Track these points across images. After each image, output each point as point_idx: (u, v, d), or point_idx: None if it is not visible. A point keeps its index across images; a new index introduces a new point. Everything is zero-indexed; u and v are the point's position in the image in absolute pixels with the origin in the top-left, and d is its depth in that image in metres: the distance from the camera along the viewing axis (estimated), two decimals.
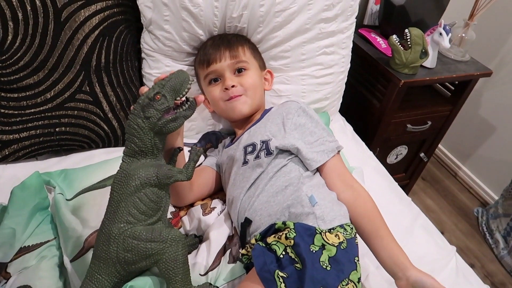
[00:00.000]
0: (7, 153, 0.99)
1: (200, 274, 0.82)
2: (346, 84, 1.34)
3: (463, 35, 1.57)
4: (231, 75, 1.00)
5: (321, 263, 0.68)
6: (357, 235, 0.81)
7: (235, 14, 1.04)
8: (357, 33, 1.61)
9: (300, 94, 1.19)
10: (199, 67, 1.05)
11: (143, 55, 1.11)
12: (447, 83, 1.69)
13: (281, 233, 0.73)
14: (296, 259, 0.69)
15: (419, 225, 1.05)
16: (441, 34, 1.40)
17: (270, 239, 0.74)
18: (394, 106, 1.47)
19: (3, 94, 0.96)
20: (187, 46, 1.07)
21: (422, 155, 1.79)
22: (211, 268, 0.82)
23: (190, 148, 0.73)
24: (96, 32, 0.98)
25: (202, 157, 1.08)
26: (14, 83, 0.95)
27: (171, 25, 1.02)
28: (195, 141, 1.17)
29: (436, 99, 1.68)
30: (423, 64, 1.47)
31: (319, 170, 0.91)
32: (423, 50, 1.36)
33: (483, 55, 1.77)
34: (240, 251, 0.84)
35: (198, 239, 0.91)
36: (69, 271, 0.78)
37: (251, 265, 0.75)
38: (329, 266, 0.68)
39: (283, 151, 0.90)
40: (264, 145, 0.91)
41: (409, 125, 1.58)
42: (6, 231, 0.79)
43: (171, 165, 0.77)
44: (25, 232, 0.82)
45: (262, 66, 1.10)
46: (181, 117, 0.69)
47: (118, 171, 0.69)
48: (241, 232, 0.87)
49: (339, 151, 0.93)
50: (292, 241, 0.70)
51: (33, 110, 0.98)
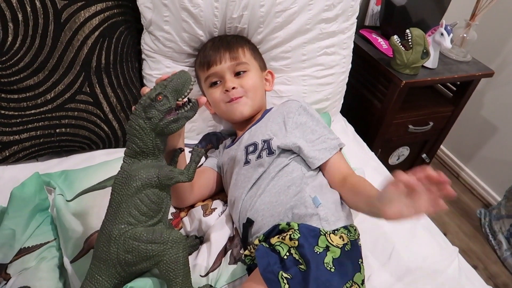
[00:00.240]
0: (7, 154, 0.99)
1: (200, 275, 0.81)
2: (347, 85, 1.34)
3: (465, 35, 1.57)
4: (231, 77, 1.00)
5: (325, 264, 0.68)
6: (359, 236, 0.80)
7: (235, 14, 1.04)
8: (358, 34, 1.60)
9: (301, 95, 1.19)
10: (200, 69, 1.05)
11: (143, 56, 1.11)
12: (448, 84, 1.69)
13: (285, 234, 0.72)
14: (300, 260, 0.68)
15: (421, 226, 1.04)
16: (442, 34, 1.39)
17: (274, 240, 0.73)
18: (396, 107, 1.46)
19: (3, 95, 0.96)
20: (187, 47, 1.07)
21: (424, 156, 1.78)
22: (212, 269, 0.82)
23: (191, 149, 0.73)
24: (96, 33, 0.98)
25: (203, 158, 1.08)
26: (14, 84, 0.95)
27: (171, 25, 1.02)
28: (196, 142, 1.17)
29: (437, 99, 1.67)
30: (425, 65, 1.47)
31: (321, 168, 0.91)
32: (424, 51, 1.35)
33: (485, 55, 1.76)
34: (242, 252, 0.84)
35: (198, 240, 0.91)
36: (69, 272, 0.78)
37: (254, 266, 0.74)
38: (333, 268, 0.68)
39: (285, 150, 0.90)
40: (266, 144, 0.90)
41: (410, 126, 1.57)
42: (5, 232, 0.79)
43: (172, 166, 0.77)
44: (25, 233, 0.81)
45: (263, 67, 1.09)
46: (182, 118, 0.69)
47: (119, 171, 0.69)
48: (243, 233, 0.87)
49: (341, 148, 0.93)
50: (297, 242, 0.69)
51: (33, 111, 0.98)
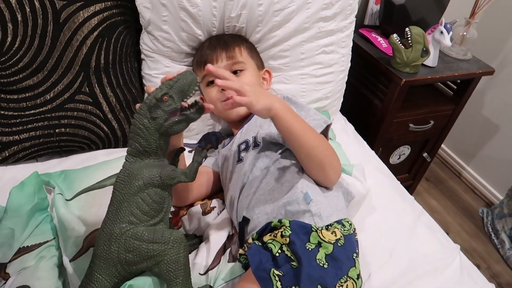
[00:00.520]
0: (7, 154, 1.00)
1: (199, 274, 0.81)
2: (347, 84, 1.34)
3: (465, 33, 1.57)
4: None
5: (317, 261, 0.67)
6: (356, 231, 0.80)
7: (233, 14, 1.04)
8: (357, 33, 1.60)
9: (300, 94, 1.19)
10: (197, 68, 1.05)
11: (142, 56, 1.11)
12: (449, 82, 1.68)
13: (277, 231, 0.72)
14: (292, 257, 0.68)
15: (422, 223, 1.03)
16: (442, 32, 1.39)
17: (266, 238, 0.73)
18: (396, 106, 1.46)
19: (2, 95, 0.96)
20: (186, 47, 1.07)
21: (425, 155, 1.78)
22: (211, 267, 0.82)
23: (194, 149, 0.72)
24: (95, 33, 0.98)
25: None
26: (14, 85, 0.95)
27: (170, 25, 1.02)
28: (195, 141, 1.17)
29: (438, 98, 1.66)
30: (425, 63, 1.46)
31: None
32: (424, 49, 1.35)
33: (485, 53, 1.76)
34: (238, 251, 0.83)
35: (198, 239, 0.91)
36: (68, 271, 0.78)
37: (249, 265, 0.74)
38: (327, 263, 0.68)
39: (272, 143, 0.89)
40: (254, 139, 0.90)
41: (411, 125, 1.57)
42: (4, 231, 0.79)
43: (173, 165, 0.77)
44: (24, 232, 0.81)
45: (260, 65, 1.09)
46: (187, 119, 0.69)
47: (121, 170, 0.69)
48: (239, 231, 0.87)
49: (327, 126, 0.89)
50: (288, 239, 0.69)
51: (32, 112, 0.98)
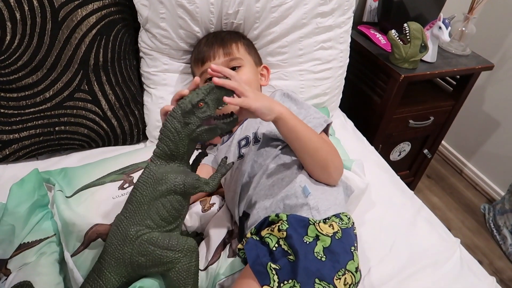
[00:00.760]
0: (7, 153, 1.00)
1: (200, 269, 0.81)
2: (346, 81, 1.34)
3: (463, 29, 1.57)
4: None
5: (315, 254, 0.67)
6: (355, 225, 0.80)
7: (231, 10, 1.05)
8: (356, 30, 1.61)
9: (299, 90, 1.19)
10: (194, 66, 1.05)
11: (141, 54, 1.11)
12: (448, 78, 1.68)
13: (274, 226, 0.72)
14: (289, 251, 0.68)
15: (422, 217, 1.03)
16: (440, 28, 1.39)
17: (264, 232, 0.73)
18: (395, 102, 1.46)
19: (2, 94, 0.97)
20: (184, 44, 1.08)
21: (425, 151, 1.78)
22: (211, 263, 0.82)
23: (221, 160, 0.73)
24: (94, 31, 0.99)
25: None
26: (13, 83, 0.96)
27: (168, 22, 1.02)
28: None
29: (438, 94, 1.66)
30: (423, 59, 1.46)
31: None
32: (423, 44, 1.35)
33: (485, 50, 1.75)
34: (237, 246, 0.84)
35: (199, 236, 0.91)
36: (70, 265, 0.78)
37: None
38: (324, 257, 0.68)
39: (272, 139, 0.90)
40: (254, 135, 0.91)
41: (411, 121, 1.57)
42: (5, 227, 0.79)
43: (193, 169, 0.77)
44: (24, 228, 0.81)
45: (258, 62, 1.09)
46: (219, 128, 0.69)
47: (145, 171, 0.67)
48: (239, 226, 0.87)
49: (328, 125, 0.90)
50: (285, 233, 0.69)
51: (32, 110, 0.99)
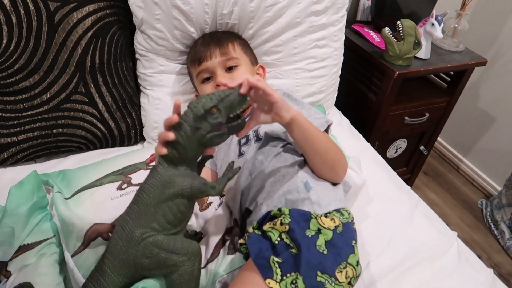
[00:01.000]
0: (5, 156, 1.00)
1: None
2: (342, 79, 1.35)
3: (456, 25, 1.58)
4: (222, 72, 1.00)
5: (317, 247, 0.68)
6: (354, 220, 0.81)
7: (225, 10, 1.05)
8: (350, 29, 1.62)
9: (294, 88, 1.20)
10: (191, 66, 1.06)
11: (137, 55, 1.12)
12: (443, 75, 1.69)
13: (276, 220, 0.73)
14: (291, 245, 0.69)
15: (419, 212, 1.04)
16: (433, 24, 1.40)
17: (266, 227, 0.73)
18: (391, 99, 1.47)
19: None
20: (180, 45, 1.09)
21: (422, 148, 1.79)
22: (210, 260, 0.82)
23: (228, 165, 0.74)
24: (90, 34, 1.00)
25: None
26: (10, 86, 0.96)
27: (163, 23, 1.03)
28: None
29: (432, 90, 1.68)
30: (417, 55, 1.48)
31: None
32: (416, 41, 1.36)
33: (478, 45, 1.77)
34: (239, 241, 0.84)
35: (198, 236, 0.91)
36: (70, 266, 0.78)
37: (250, 254, 0.75)
38: (326, 250, 0.68)
39: (274, 138, 0.90)
40: (255, 132, 0.91)
41: (406, 118, 1.58)
42: (4, 229, 0.79)
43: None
44: (24, 230, 0.82)
45: (254, 61, 1.10)
46: (227, 133, 0.69)
47: (153, 172, 0.67)
48: (241, 223, 0.88)
49: (329, 125, 0.92)
50: (287, 227, 0.69)
51: (30, 113, 0.99)
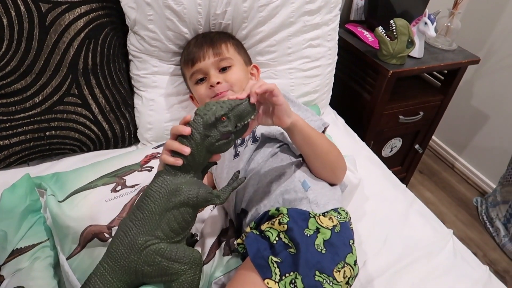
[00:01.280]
0: None
1: None
2: (336, 79, 1.35)
3: (449, 24, 1.59)
4: (215, 72, 1.00)
5: (316, 246, 0.68)
6: (351, 220, 0.81)
7: (218, 10, 1.05)
8: (344, 29, 1.62)
9: (289, 88, 1.20)
10: (185, 67, 1.05)
11: (130, 57, 1.11)
12: (436, 73, 1.70)
13: (274, 219, 0.72)
14: (290, 244, 0.68)
15: (415, 210, 1.04)
16: (426, 23, 1.41)
17: (264, 226, 0.73)
18: (385, 98, 1.47)
19: None
20: (173, 45, 1.08)
21: (417, 146, 1.79)
22: (206, 261, 0.82)
23: (233, 174, 0.73)
24: (82, 35, 0.99)
25: None
26: (2, 89, 0.95)
27: (156, 24, 1.02)
28: None
29: (426, 89, 1.68)
30: (411, 54, 1.48)
31: None
32: (409, 40, 1.36)
33: (471, 44, 1.78)
34: (235, 241, 0.84)
35: (194, 239, 0.91)
36: (65, 268, 0.77)
37: (247, 254, 0.74)
38: (324, 249, 0.68)
39: (270, 139, 0.90)
40: (251, 133, 0.91)
41: (401, 117, 1.58)
42: None
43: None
44: (17, 234, 0.81)
45: (248, 61, 1.09)
46: (234, 139, 0.69)
47: (159, 179, 0.67)
48: (237, 224, 0.87)
49: (325, 128, 0.93)
50: (286, 226, 0.69)
51: (22, 115, 0.98)
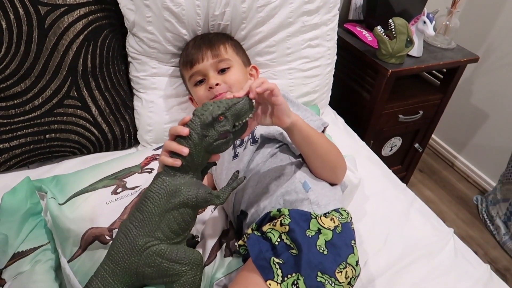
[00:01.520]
0: None
1: None
2: (335, 78, 1.35)
3: (447, 23, 1.59)
4: (214, 74, 0.99)
5: (317, 247, 0.68)
6: (352, 220, 0.81)
7: (217, 11, 1.05)
8: (343, 28, 1.62)
9: (288, 88, 1.20)
10: (183, 69, 1.05)
11: (129, 58, 1.11)
12: (435, 72, 1.70)
13: (276, 221, 0.72)
14: (292, 245, 0.68)
15: (415, 209, 1.04)
16: (425, 22, 1.41)
17: (265, 228, 0.73)
18: (384, 97, 1.47)
19: None
20: (172, 47, 1.08)
21: (416, 145, 1.79)
22: (207, 263, 0.82)
23: (233, 174, 0.73)
24: (81, 37, 0.99)
25: None
26: (1, 92, 0.95)
27: (154, 26, 1.02)
28: None
29: (426, 88, 1.68)
30: (410, 53, 1.48)
31: None
32: (408, 39, 1.37)
33: (469, 42, 1.78)
34: (237, 243, 0.84)
35: (195, 240, 0.91)
36: (66, 271, 0.77)
37: (249, 256, 0.74)
38: (326, 250, 0.68)
39: (269, 139, 0.90)
40: (250, 134, 0.91)
41: (401, 116, 1.58)
42: None
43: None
44: (18, 237, 0.81)
45: (247, 62, 1.09)
46: (233, 138, 0.69)
47: (159, 180, 0.67)
48: (237, 225, 0.87)
49: (325, 128, 0.93)
50: (287, 227, 0.69)
51: (22, 118, 0.98)
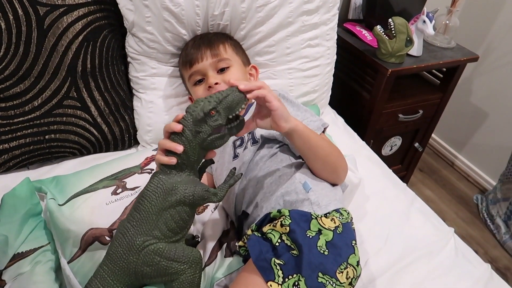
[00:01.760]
0: None
1: None
2: (335, 78, 1.35)
3: (447, 22, 1.59)
4: (214, 73, 0.99)
5: (318, 248, 0.67)
6: (353, 220, 0.80)
7: (216, 11, 1.05)
8: (342, 28, 1.62)
9: (288, 88, 1.20)
10: (183, 68, 1.05)
11: (128, 59, 1.11)
12: (435, 71, 1.70)
13: (276, 221, 0.72)
14: (292, 246, 0.68)
15: (416, 209, 1.04)
16: (424, 21, 1.41)
17: (266, 228, 0.73)
18: (384, 96, 1.47)
19: None
20: (172, 47, 1.08)
21: (416, 145, 1.79)
22: (208, 263, 0.82)
23: (230, 171, 0.73)
24: (80, 38, 0.99)
25: None
26: (1, 93, 0.95)
27: (154, 26, 1.02)
28: None
29: (425, 87, 1.68)
30: (410, 53, 1.48)
31: None
32: (408, 38, 1.36)
33: (469, 41, 1.78)
34: (236, 243, 0.84)
35: (196, 240, 0.91)
36: (66, 272, 0.77)
37: (249, 256, 0.74)
38: (327, 250, 0.68)
39: (270, 140, 0.90)
40: (250, 135, 0.91)
41: (400, 115, 1.58)
42: None
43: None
44: (18, 238, 0.81)
45: (246, 62, 1.09)
46: (228, 134, 0.68)
47: (155, 179, 0.67)
48: (238, 226, 0.87)
49: (325, 128, 0.92)
50: (288, 228, 0.69)
51: (21, 119, 0.98)
